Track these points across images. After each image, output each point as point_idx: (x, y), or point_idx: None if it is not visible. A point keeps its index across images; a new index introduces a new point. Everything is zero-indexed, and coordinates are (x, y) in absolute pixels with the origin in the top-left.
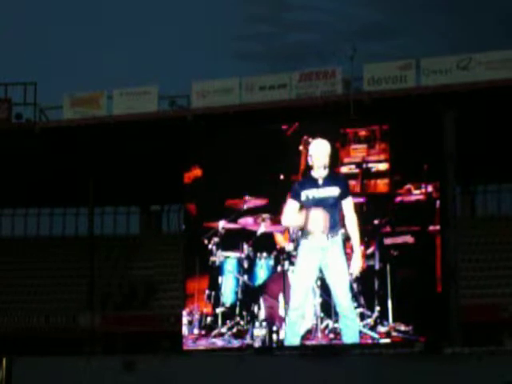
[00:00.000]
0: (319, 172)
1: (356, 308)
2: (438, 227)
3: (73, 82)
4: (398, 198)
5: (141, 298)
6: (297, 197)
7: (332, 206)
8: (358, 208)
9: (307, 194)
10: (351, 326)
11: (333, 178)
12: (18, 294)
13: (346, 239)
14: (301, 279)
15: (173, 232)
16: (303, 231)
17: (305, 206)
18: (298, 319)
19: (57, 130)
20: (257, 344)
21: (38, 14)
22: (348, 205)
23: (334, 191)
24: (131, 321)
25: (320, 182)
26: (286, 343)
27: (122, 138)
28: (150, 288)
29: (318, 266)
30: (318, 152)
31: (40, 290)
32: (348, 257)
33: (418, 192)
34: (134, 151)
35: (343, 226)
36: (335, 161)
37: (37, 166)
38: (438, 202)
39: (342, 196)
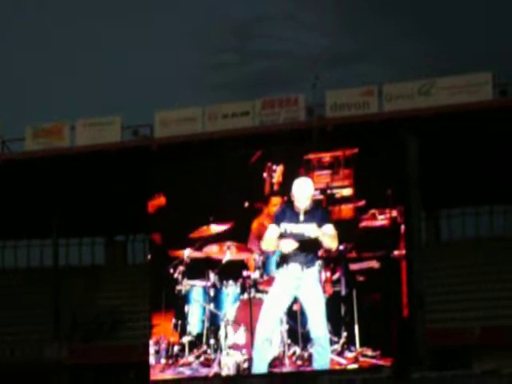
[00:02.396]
0: (301, 208)
1: None
2: (403, 252)
3: (35, 113)
4: (363, 224)
5: (107, 329)
6: (278, 224)
7: (309, 241)
8: None
9: (286, 227)
10: (323, 354)
11: (313, 210)
12: None
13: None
14: (273, 307)
15: (138, 262)
16: (279, 260)
17: (283, 237)
18: (266, 346)
19: (20, 162)
20: (224, 372)
21: None
22: (326, 229)
23: (312, 228)
24: (98, 352)
25: (301, 217)
26: (254, 371)
27: (86, 169)
28: (116, 319)
29: (292, 295)
30: (301, 193)
31: (5, 323)
32: (321, 284)
33: (382, 217)
34: (97, 182)
35: (320, 257)
36: None
37: (0, 198)
38: (402, 227)
39: (321, 225)
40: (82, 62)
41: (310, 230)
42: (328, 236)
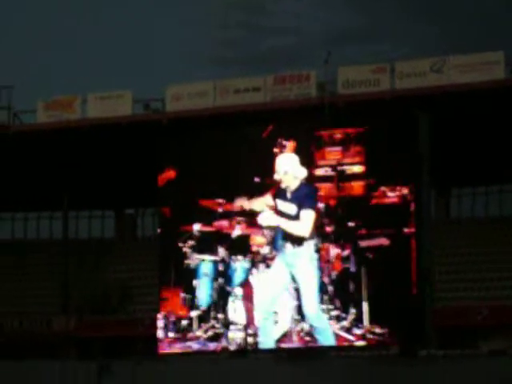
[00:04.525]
0: (284, 186)
1: (331, 310)
2: (412, 230)
3: (48, 86)
4: (374, 201)
5: (116, 302)
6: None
7: (295, 219)
8: (333, 210)
9: (277, 203)
10: (323, 332)
11: (299, 189)
12: None
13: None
14: (268, 284)
15: (148, 236)
16: (280, 238)
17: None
18: (269, 324)
19: (31, 134)
20: (232, 347)
21: (12, 19)
22: (305, 215)
23: (293, 208)
24: (106, 325)
25: (288, 195)
26: (260, 346)
27: (97, 142)
28: (125, 292)
29: (287, 272)
30: (278, 170)
31: (14, 294)
32: (322, 259)
33: (393, 194)
34: (108, 155)
35: (315, 235)
36: (310, 163)
37: (11, 169)
38: (412, 205)
39: (303, 208)
40: (93, 35)
41: (292, 209)
42: (297, 223)
